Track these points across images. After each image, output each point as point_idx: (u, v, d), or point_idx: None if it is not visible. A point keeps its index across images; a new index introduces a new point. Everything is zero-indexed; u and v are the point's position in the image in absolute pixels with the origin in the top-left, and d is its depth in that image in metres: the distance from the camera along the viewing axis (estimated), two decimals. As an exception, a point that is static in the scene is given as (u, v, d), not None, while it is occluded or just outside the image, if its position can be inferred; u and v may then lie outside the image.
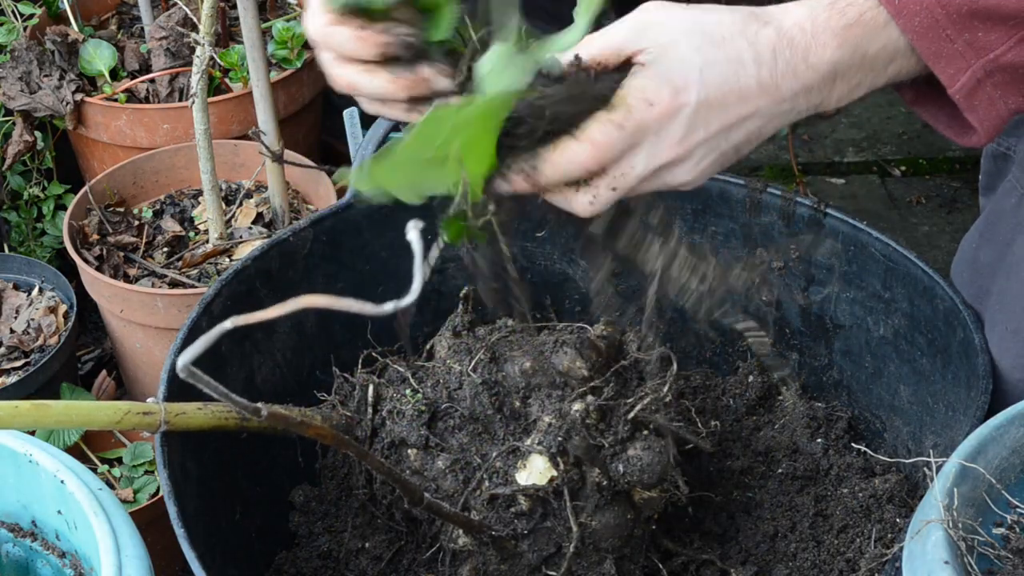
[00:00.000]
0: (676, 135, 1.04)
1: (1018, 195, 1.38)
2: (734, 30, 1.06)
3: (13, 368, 1.92)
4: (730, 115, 1.06)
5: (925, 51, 1.07)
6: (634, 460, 1.27)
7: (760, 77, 1.05)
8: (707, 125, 1.05)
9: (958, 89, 1.08)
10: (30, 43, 2.21)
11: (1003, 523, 1.11)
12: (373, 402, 1.38)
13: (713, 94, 1.04)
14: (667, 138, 1.04)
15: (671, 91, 1.03)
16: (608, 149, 1.03)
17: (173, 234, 2.05)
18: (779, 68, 1.06)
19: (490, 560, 1.32)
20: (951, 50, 1.07)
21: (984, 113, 1.10)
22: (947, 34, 1.06)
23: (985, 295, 1.43)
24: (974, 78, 1.08)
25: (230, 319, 0.85)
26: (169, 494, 1.28)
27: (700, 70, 1.04)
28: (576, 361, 1.30)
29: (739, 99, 1.06)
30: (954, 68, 1.07)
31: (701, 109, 1.04)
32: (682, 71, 1.03)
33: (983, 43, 1.07)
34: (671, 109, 1.03)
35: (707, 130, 1.05)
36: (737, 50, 1.05)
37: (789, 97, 1.07)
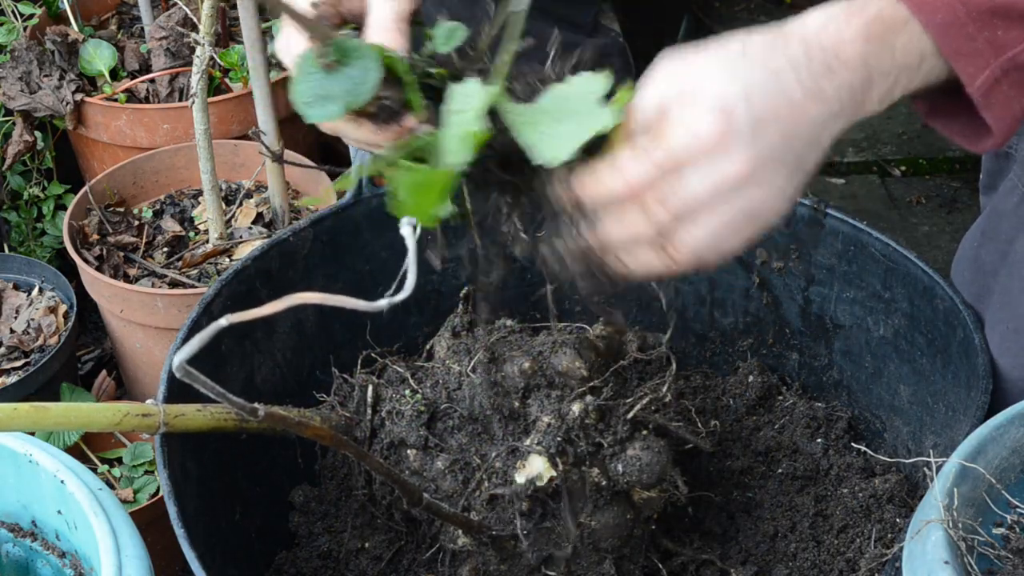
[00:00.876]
0: (739, 154, 1.02)
1: (1020, 194, 1.38)
2: (762, 47, 1.05)
3: (13, 368, 1.92)
4: (786, 127, 1.04)
5: (946, 48, 1.07)
6: (633, 460, 1.28)
7: (802, 81, 1.04)
8: (765, 139, 1.03)
9: (977, 87, 1.08)
10: (30, 43, 2.21)
11: (1003, 523, 1.11)
12: (372, 403, 1.38)
13: (763, 111, 1.03)
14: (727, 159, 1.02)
15: (719, 114, 1.01)
16: (642, 181, 1.02)
17: (173, 234, 2.05)
18: (816, 69, 1.05)
19: (490, 560, 1.32)
20: (972, 48, 1.07)
21: (999, 112, 1.09)
22: (968, 32, 1.06)
23: (987, 294, 1.43)
24: (992, 76, 1.08)
25: (225, 317, 0.86)
26: (169, 494, 1.28)
27: (744, 90, 1.02)
28: (575, 361, 1.30)
29: (789, 108, 1.04)
30: (974, 66, 1.07)
31: (756, 125, 1.03)
32: (722, 94, 1.02)
33: (1002, 41, 1.06)
34: (722, 131, 1.01)
35: (767, 146, 1.04)
36: (772, 62, 1.04)
37: (833, 96, 1.06)
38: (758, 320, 1.68)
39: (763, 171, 1.04)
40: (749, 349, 1.70)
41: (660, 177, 1.02)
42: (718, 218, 1.04)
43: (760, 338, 1.68)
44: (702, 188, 1.03)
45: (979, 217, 1.49)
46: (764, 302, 1.66)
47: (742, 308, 1.68)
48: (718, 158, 1.02)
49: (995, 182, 1.47)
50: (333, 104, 1.02)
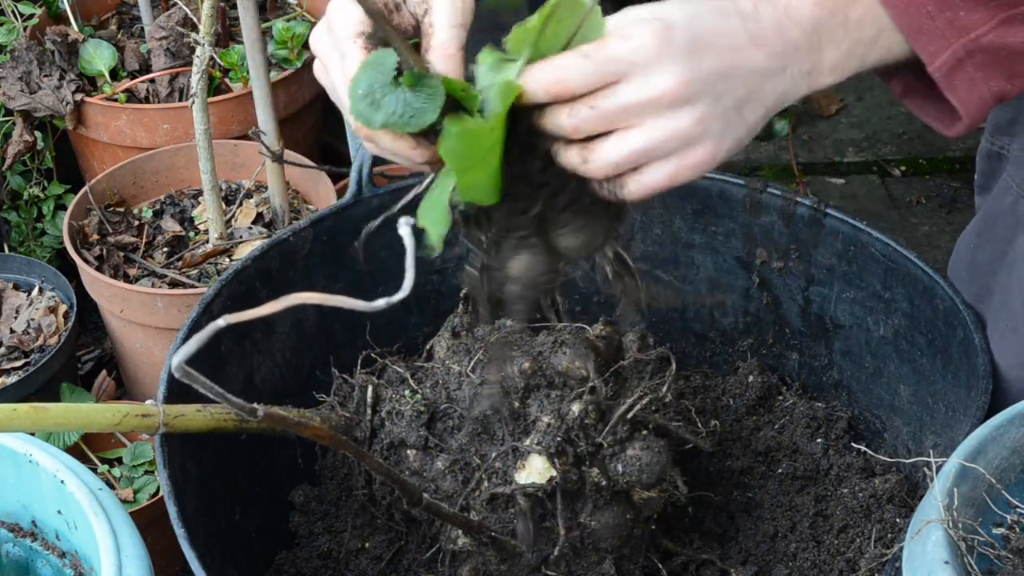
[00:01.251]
0: (669, 69, 1.00)
1: (1014, 194, 1.38)
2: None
3: (13, 368, 1.92)
4: (724, 60, 1.03)
5: (905, 26, 1.06)
6: (633, 460, 1.27)
7: (747, 28, 1.04)
8: (700, 65, 1.02)
9: (938, 67, 1.07)
10: (30, 43, 2.21)
11: (1003, 523, 1.11)
12: (372, 403, 1.38)
13: (702, 35, 1.02)
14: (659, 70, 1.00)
15: (659, 27, 1.00)
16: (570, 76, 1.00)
17: (173, 234, 2.05)
18: (764, 22, 1.04)
19: (490, 560, 1.32)
20: (931, 27, 1.06)
21: (965, 94, 1.09)
22: (928, 11, 1.06)
23: (986, 293, 1.43)
24: (955, 57, 1.07)
25: (223, 317, 0.85)
26: (169, 494, 1.28)
27: (688, 15, 1.02)
28: (575, 361, 1.30)
29: (729, 46, 1.03)
30: (935, 46, 1.07)
31: (692, 46, 1.01)
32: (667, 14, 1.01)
33: (964, 22, 1.06)
34: (658, 43, 1.00)
35: (701, 71, 1.02)
36: (719, 5, 1.04)
37: (780, 52, 1.05)
38: (758, 320, 1.68)
39: (697, 98, 1.02)
40: (749, 349, 1.70)
41: (592, 79, 1.00)
42: (644, 136, 1.02)
43: (760, 338, 1.68)
44: (634, 97, 1.01)
45: (973, 219, 1.49)
46: (764, 302, 1.66)
47: (742, 308, 1.68)
48: (652, 69, 1.00)
49: (989, 183, 1.47)
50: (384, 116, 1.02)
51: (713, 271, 1.66)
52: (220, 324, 0.84)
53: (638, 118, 1.02)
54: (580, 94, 1.01)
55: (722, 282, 1.67)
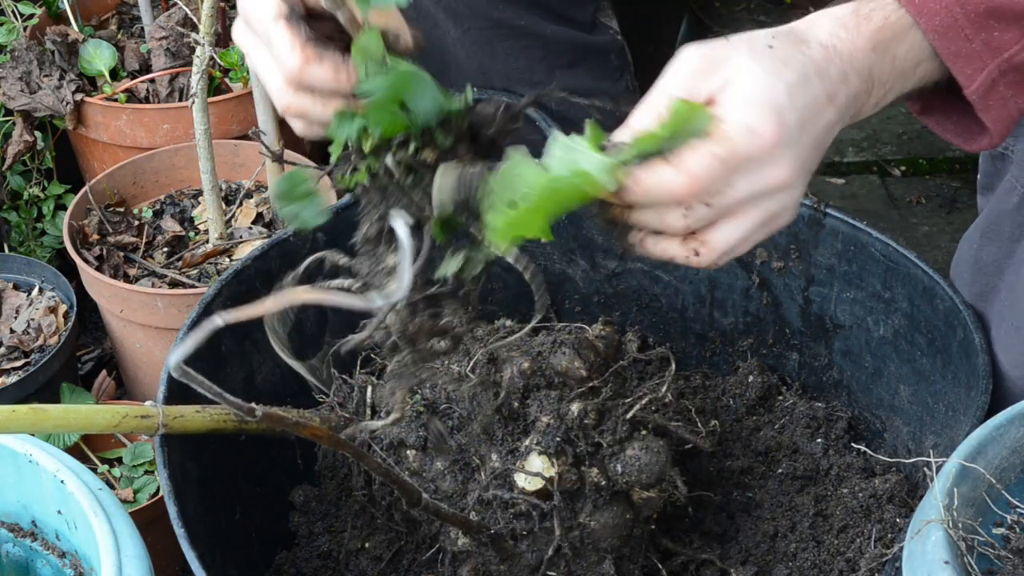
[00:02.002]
0: (785, 160, 1.01)
1: (1019, 195, 1.38)
2: (788, 47, 1.03)
3: (13, 368, 1.92)
4: (816, 131, 1.04)
5: (945, 51, 1.06)
6: (632, 460, 1.27)
7: (825, 87, 1.04)
8: (803, 142, 1.02)
9: (975, 90, 1.08)
10: (30, 43, 2.21)
11: (1003, 523, 1.11)
12: (372, 403, 1.38)
13: (803, 113, 1.02)
14: (775, 165, 1.01)
15: (771, 117, 0.99)
16: (706, 182, 0.99)
17: (173, 234, 2.05)
18: (834, 75, 1.04)
19: (490, 561, 1.32)
20: (969, 50, 1.06)
21: (997, 113, 1.09)
22: (966, 34, 1.06)
23: (991, 292, 1.43)
24: (990, 78, 1.08)
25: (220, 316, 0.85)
26: (169, 494, 1.28)
27: (787, 92, 1.01)
28: (574, 361, 1.30)
29: (818, 112, 1.03)
30: (971, 68, 1.07)
31: (799, 127, 1.01)
32: (773, 94, 1.00)
33: (998, 42, 1.07)
34: (776, 136, 1.00)
35: (804, 148, 1.03)
36: (802, 66, 1.02)
37: (844, 103, 1.05)
38: (758, 320, 1.68)
39: (798, 177, 1.03)
40: (749, 349, 1.70)
41: (720, 175, 0.99)
42: (751, 220, 1.03)
43: (760, 338, 1.68)
44: (748, 190, 1.01)
45: (977, 219, 1.49)
46: (764, 302, 1.66)
47: (742, 308, 1.68)
48: (769, 162, 1.00)
49: (992, 183, 1.48)
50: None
51: (713, 271, 1.66)
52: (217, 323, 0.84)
53: (751, 206, 1.02)
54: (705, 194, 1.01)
55: (722, 282, 1.67)
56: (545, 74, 1.71)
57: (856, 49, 1.05)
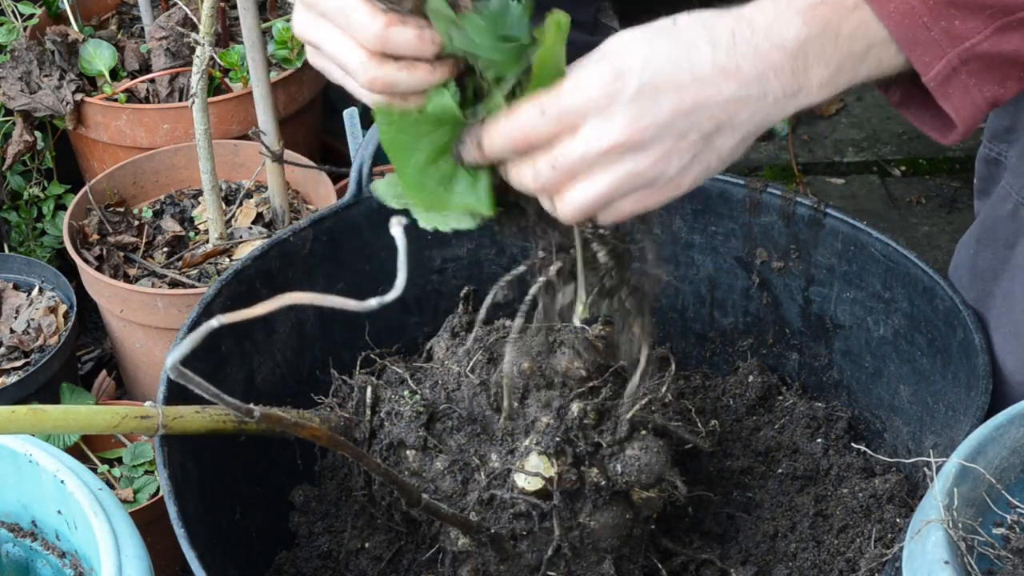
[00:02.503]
0: (621, 118, 1.01)
1: (1013, 201, 1.38)
2: (690, 22, 1.04)
3: (13, 368, 1.92)
4: (685, 98, 1.02)
5: (900, 38, 1.05)
6: (632, 460, 1.27)
7: (716, 58, 1.02)
8: (657, 108, 1.02)
9: (932, 77, 1.07)
10: (30, 43, 2.21)
11: (1003, 523, 1.11)
12: (371, 403, 1.38)
13: (659, 77, 1.01)
14: (611, 120, 1.02)
15: (610, 75, 1.01)
16: (530, 130, 1.03)
17: (173, 234, 2.05)
18: (738, 49, 1.03)
19: (489, 561, 1.32)
20: (927, 37, 1.05)
21: (959, 102, 1.09)
22: (923, 21, 1.05)
23: (987, 298, 1.43)
24: (949, 66, 1.07)
25: (216, 317, 0.85)
26: (169, 494, 1.28)
27: (645, 57, 1.01)
28: (574, 361, 1.30)
29: (693, 81, 1.02)
30: (930, 56, 1.06)
31: (646, 90, 1.01)
32: (624, 57, 1.01)
33: (959, 31, 1.05)
34: (608, 92, 1.01)
35: (658, 114, 1.02)
36: (690, 36, 1.03)
37: (755, 78, 1.03)
38: (758, 320, 1.68)
39: (654, 140, 1.03)
40: (749, 349, 1.70)
41: (550, 130, 1.02)
42: (604, 179, 1.04)
43: (760, 338, 1.68)
44: (585, 148, 1.03)
45: (973, 224, 1.49)
46: (764, 302, 1.66)
47: (742, 308, 1.68)
48: (605, 118, 1.02)
49: (988, 188, 1.47)
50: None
51: (713, 271, 1.66)
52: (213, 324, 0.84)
53: (599, 166, 1.04)
54: (539, 146, 1.04)
55: (722, 282, 1.67)
56: None
57: (779, 23, 1.03)
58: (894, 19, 1.05)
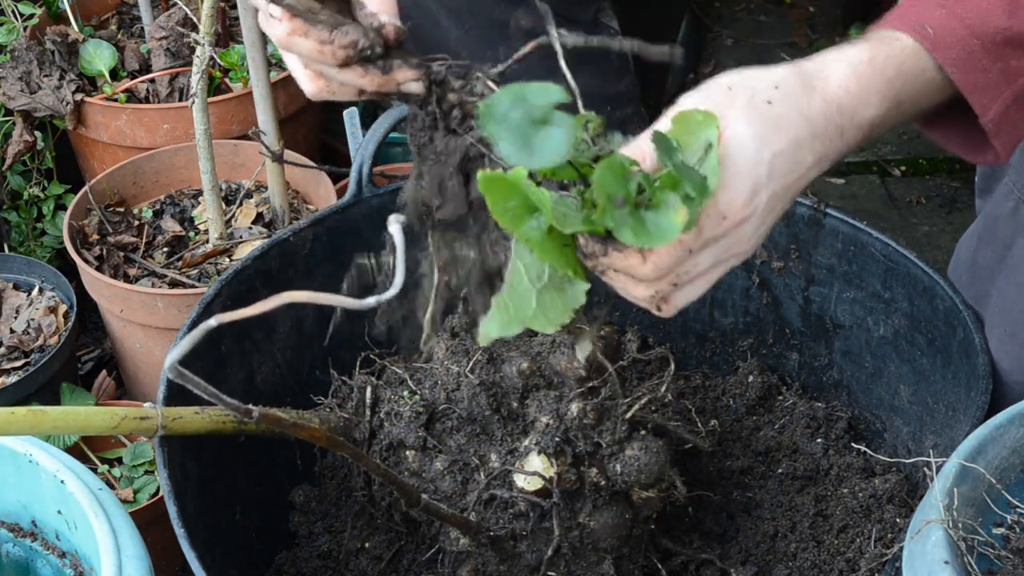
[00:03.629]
0: (747, 234, 1.02)
1: (1015, 199, 1.38)
2: (788, 104, 1.03)
3: (13, 368, 1.92)
4: (791, 194, 1.05)
5: (963, 83, 1.06)
6: (631, 460, 1.27)
7: (815, 151, 1.04)
8: (773, 212, 1.03)
9: (991, 119, 1.08)
10: (30, 43, 2.21)
11: (1003, 523, 1.11)
12: (371, 404, 1.38)
13: (780, 185, 1.02)
14: (738, 239, 1.02)
15: (744, 200, 1.00)
16: (671, 269, 1.01)
17: (173, 234, 2.05)
18: (829, 134, 1.04)
19: (489, 561, 1.32)
20: (986, 80, 1.07)
21: (1007, 137, 1.10)
22: (982, 64, 1.06)
23: (984, 297, 1.43)
24: (1003, 105, 1.08)
25: (215, 317, 0.85)
26: (169, 494, 1.28)
27: (769, 166, 1.01)
28: (573, 361, 1.30)
29: (799, 179, 1.04)
30: (988, 97, 1.07)
31: (770, 202, 1.02)
32: (755, 169, 1.00)
33: (1014, 69, 1.07)
34: (744, 217, 1.01)
35: (773, 216, 1.04)
36: (796, 130, 1.02)
37: (834, 158, 1.06)
38: (758, 320, 1.68)
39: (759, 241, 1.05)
40: (749, 349, 1.70)
41: (685, 259, 1.01)
42: (710, 280, 1.05)
43: (760, 338, 1.68)
44: (711, 262, 1.03)
45: (975, 222, 1.49)
46: (764, 302, 1.66)
47: (742, 308, 1.68)
48: (735, 237, 1.01)
49: (990, 186, 1.48)
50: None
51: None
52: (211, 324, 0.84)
53: (713, 271, 1.04)
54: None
55: (722, 282, 1.66)
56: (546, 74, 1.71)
57: (861, 104, 1.05)
58: (956, 65, 1.06)
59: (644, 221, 0.96)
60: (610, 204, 0.95)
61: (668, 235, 0.95)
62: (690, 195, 0.95)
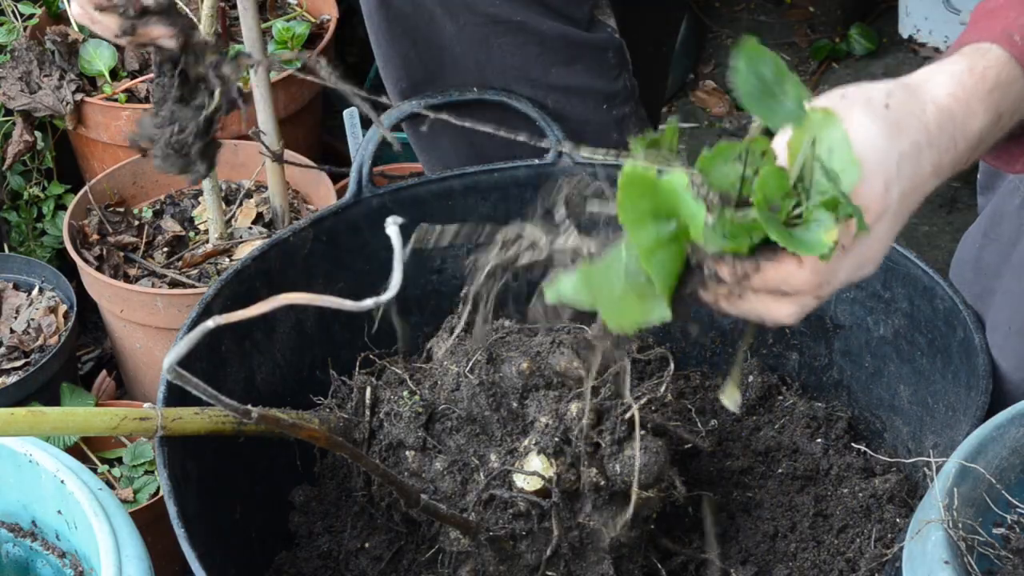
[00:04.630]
0: (879, 235, 0.98)
1: (1021, 196, 1.38)
2: (905, 110, 1.00)
3: (13, 368, 1.92)
4: (913, 202, 1.01)
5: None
6: (631, 460, 1.27)
7: (931, 160, 1.01)
8: (899, 218, 1.00)
9: None
10: (30, 43, 2.21)
11: (1003, 523, 1.11)
12: (371, 404, 1.38)
13: (907, 186, 0.99)
14: (876, 237, 0.98)
15: (881, 191, 0.96)
16: (827, 270, 0.96)
17: (173, 234, 2.05)
18: (944, 144, 1.02)
19: (489, 561, 1.32)
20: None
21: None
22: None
23: (989, 295, 1.42)
24: None
25: (213, 319, 0.86)
26: (169, 494, 1.28)
27: (897, 162, 0.98)
28: (573, 361, 1.30)
29: (919, 186, 1.01)
30: None
31: (899, 202, 0.99)
32: (887, 164, 0.97)
33: None
34: (881, 210, 0.97)
35: (899, 223, 1.00)
36: (915, 134, 0.99)
37: (947, 170, 1.03)
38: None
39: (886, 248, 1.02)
40: (749, 349, 1.70)
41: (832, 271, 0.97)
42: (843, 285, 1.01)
43: (760, 338, 1.68)
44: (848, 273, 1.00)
45: (979, 218, 1.49)
46: (764, 302, 1.65)
47: (742, 308, 1.68)
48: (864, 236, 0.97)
49: (992, 182, 1.47)
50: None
51: (713, 271, 1.66)
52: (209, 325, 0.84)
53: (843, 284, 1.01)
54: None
55: (722, 282, 1.67)
56: (542, 71, 1.70)
57: (969, 114, 1.02)
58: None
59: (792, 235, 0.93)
60: (770, 214, 0.92)
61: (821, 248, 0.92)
62: (846, 212, 0.93)
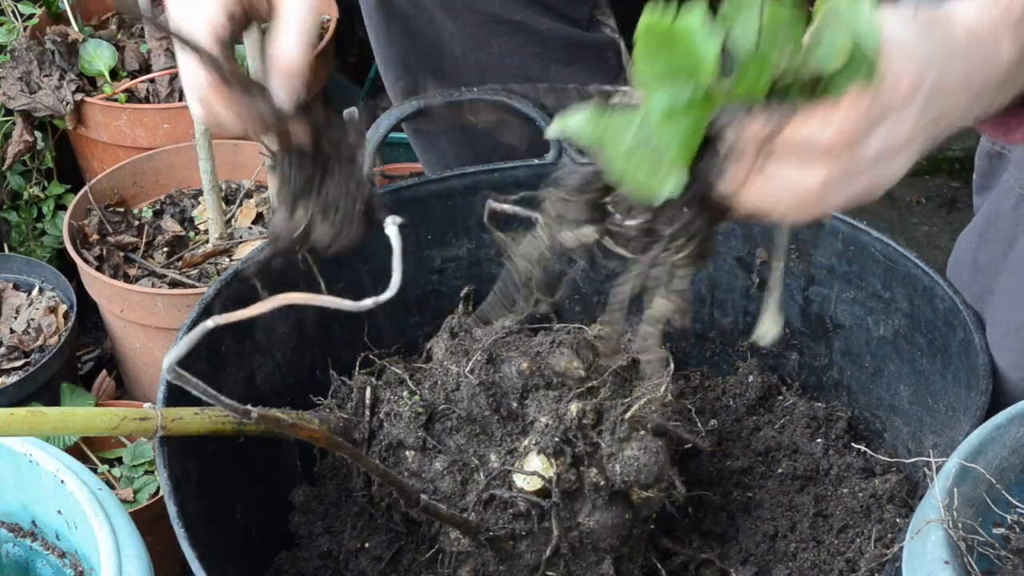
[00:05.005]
0: (912, 116, 0.96)
1: (1017, 195, 1.38)
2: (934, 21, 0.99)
3: (13, 368, 1.92)
4: (944, 105, 0.98)
5: None
6: (631, 460, 1.27)
7: (961, 72, 0.99)
8: (930, 111, 0.97)
9: None
10: (30, 43, 2.21)
11: (1003, 523, 1.11)
12: (371, 404, 1.38)
13: (939, 80, 0.97)
14: (905, 119, 0.96)
15: (917, 66, 0.95)
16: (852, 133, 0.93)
17: (173, 234, 2.05)
18: (973, 63, 1.00)
19: (489, 561, 1.32)
20: None
21: None
22: None
23: (987, 294, 1.42)
24: None
25: (212, 319, 0.86)
26: (169, 494, 1.28)
27: (927, 56, 0.96)
28: (573, 361, 1.30)
29: (949, 89, 0.98)
30: None
31: (933, 92, 0.96)
32: (923, 48, 0.96)
33: None
34: (915, 85, 0.95)
35: (930, 117, 0.97)
36: (945, 41, 0.98)
37: (977, 92, 1.01)
38: (758, 320, 1.67)
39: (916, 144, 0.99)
40: (749, 349, 1.70)
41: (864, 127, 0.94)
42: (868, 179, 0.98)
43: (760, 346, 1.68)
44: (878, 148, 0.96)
45: (975, 219, 1.49)
46: (764, 302, 1.66)
47: (742, 308, 1.68)
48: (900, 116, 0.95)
49: (988, 183, 1.47)
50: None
51: (713, 271, 1.66)
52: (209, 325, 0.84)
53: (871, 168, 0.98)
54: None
55: (722, 282, 1.67)
56: (541, 71, 1.71)
57: (996, 40, 1.00)
58: None
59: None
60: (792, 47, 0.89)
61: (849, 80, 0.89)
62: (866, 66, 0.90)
